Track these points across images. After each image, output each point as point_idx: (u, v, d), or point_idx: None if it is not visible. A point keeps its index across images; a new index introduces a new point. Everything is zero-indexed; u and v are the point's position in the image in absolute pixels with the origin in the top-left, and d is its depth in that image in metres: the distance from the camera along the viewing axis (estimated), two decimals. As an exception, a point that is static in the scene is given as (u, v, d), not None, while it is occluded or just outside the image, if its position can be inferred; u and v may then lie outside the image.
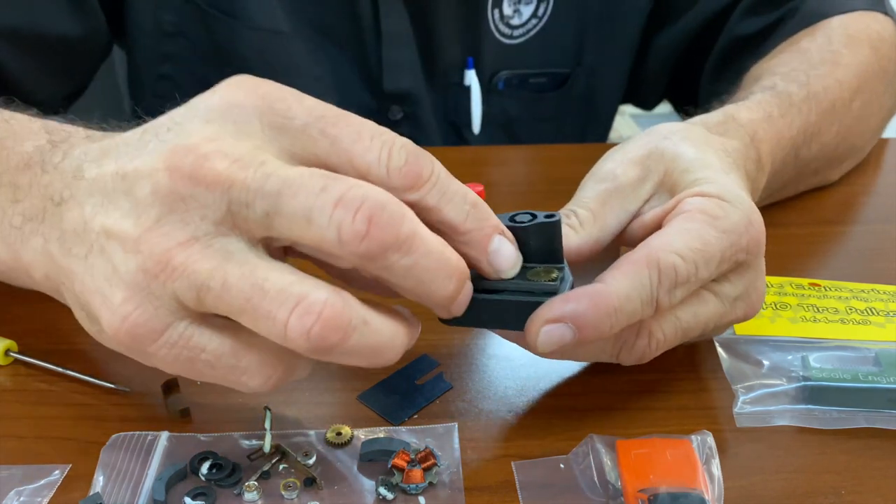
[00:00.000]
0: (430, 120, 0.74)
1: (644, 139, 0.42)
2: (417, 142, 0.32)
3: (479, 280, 0.35)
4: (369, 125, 0.31)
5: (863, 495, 0.35)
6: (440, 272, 0.30)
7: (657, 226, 0.39)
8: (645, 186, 0.40)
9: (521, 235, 0.36)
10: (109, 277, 0.29)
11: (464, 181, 0.39)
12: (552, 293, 0.34)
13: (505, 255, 0.33)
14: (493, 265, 0.33)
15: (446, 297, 0.32)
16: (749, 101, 0.50)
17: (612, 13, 0.72)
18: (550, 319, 0.34)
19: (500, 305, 0.35)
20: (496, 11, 0.70)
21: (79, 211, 0.31)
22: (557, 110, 0.77)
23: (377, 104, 0.72)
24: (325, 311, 0.28)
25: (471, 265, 0.33)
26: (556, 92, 0.76)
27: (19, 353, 0.42)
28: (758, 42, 0.64)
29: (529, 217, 0.36)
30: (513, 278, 0.35)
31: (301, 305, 0.28)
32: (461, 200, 0.32)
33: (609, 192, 0.40)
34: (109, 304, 0.29)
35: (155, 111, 0.32)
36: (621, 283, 0.34)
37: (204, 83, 0.32)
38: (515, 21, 0.72)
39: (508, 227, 0.36)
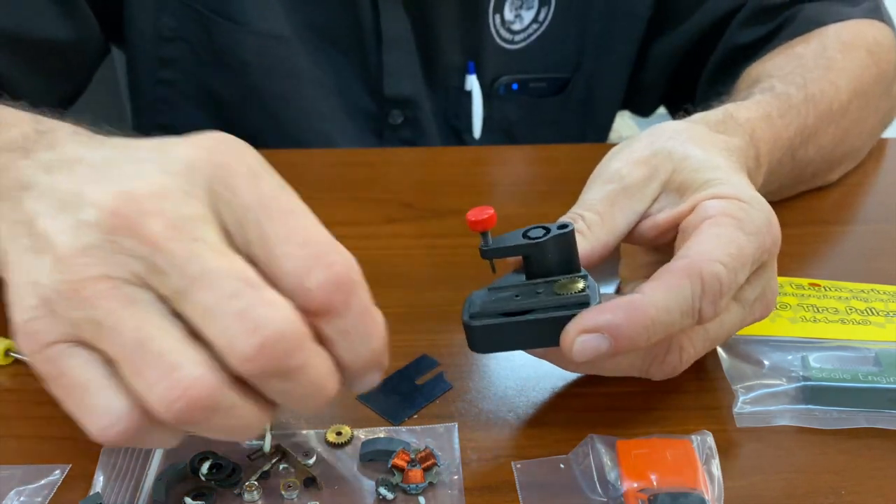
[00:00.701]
0: (430, 124, 0.74)
1: (648, 139, 0.42)
2: (417, 146, 0.31)
3: (508, 303, 0.35)
4: (308, 234, 0.29)
5: (863, 495, 0.35)
6: (311, 399, 0.30)
7: (672, 227, 0.39)
8: (652, 186, 0.40)
9: (538, 251, 0.36)
10: (32, 281, 0.30)
11: (465, 181, 0.40)
12: (584, 303, 0.34)
13: (367, 385, 0.32)
14: (351, 387, 0.32)
15: (304, 413, 0.33)
16: (748, 102, 0.50)
17: (613, 19, 0.73)
18: (586, 329, 0.34)
19: (536, 325, 0.35)
20: (497, 16, 0.71)
21: (34, 204, 0.31)
22: (557, 115, 0.77)
23: (378, 108, 0.72)
24: (193, 389, 0.28)
25: None
26: (556, 97, 0.77)
27: (19, 353, 0.42)
28: (755, 50, 0.64)
29: (543, 231, 0.36)
30: (539, 295, 0.35)
31: (172, 376, 0.28)
32: (360, 343, 0.30)
33: (616, 193, 0.40)
34: (21, 303, 0.30)
35: (155, 115, 0.31)
36: (660, 295, 0.34)
37: (204, 87, 0.32)
38: (516, 26, 0.72)
39: (522, 245, 0.36)
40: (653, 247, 0.42)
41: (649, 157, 0.40)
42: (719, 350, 0.42)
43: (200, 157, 0.30)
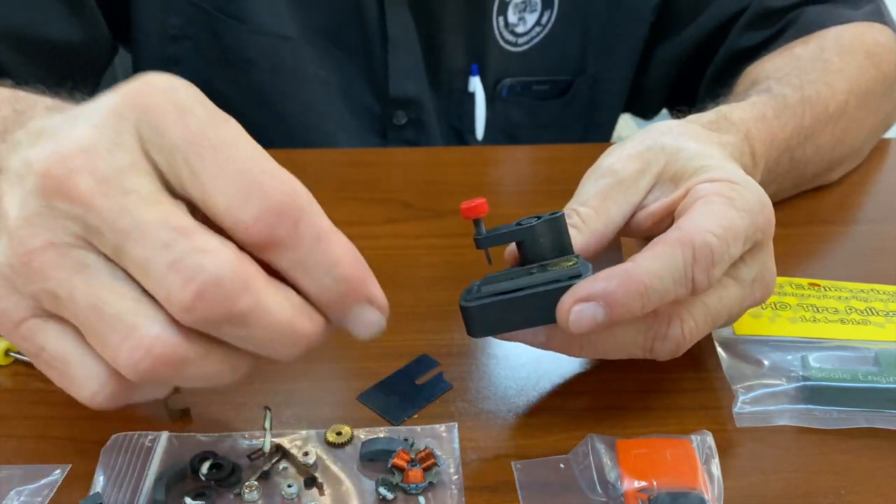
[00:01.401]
0: (433, 125, 0.74)
1: (642, 136, 0.42)
2: (420, 146, 0.31)
3: (503, 284, 0.36)
4: (242, 164, 0.28)
5: (862, 495, 0.35)
6: (282, 342, 0.29)
7: (668, 214, 0.39)
8: (645, 178, 0.40)
9: (530, 236, 0.37)
10: None
11: (466, 181, 0.40)
12: (577, 276, 0.35)
13: (362, 324, 0.31)
14: (350, 330, 0.31)
15: (291, 357, 0.30)
16: (743, 103, 0.51)
17: (616, 23, 0.73)
18: (581, 298, 0.34)
19: (531, 300, 0.35)
20: (501, 19, 0.71)
21: (3, 186, 0.30)
22: (559, 118, 0.78)
23: (382, 109, 0.73)
24: (155, 348, 0.27)
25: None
26: (559, 100, 0.77)
27: (19, 353, 0.42)
28: (757, 53, 0.64)
29: (535, 219, 0.37)
30: (533, 274, 0.36)
31: (132, 337, 0.27)
32: (322, 273, 0.29)
33: (610, 187, 0.40)
34: None
35: None
36: (652, 263, 0.34)
37: (210, 87, 0.32)
38: (520, 29, 0.72)
39: (515, 231, 0.37)
40: (652, 237, 0.42)
41: (643, 151, 0.41)
42: (719, 350, 0.42)
43: (125, 102, 0.29)
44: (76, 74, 0.67)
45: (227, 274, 0.27)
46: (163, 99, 0.29)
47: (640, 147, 0.41)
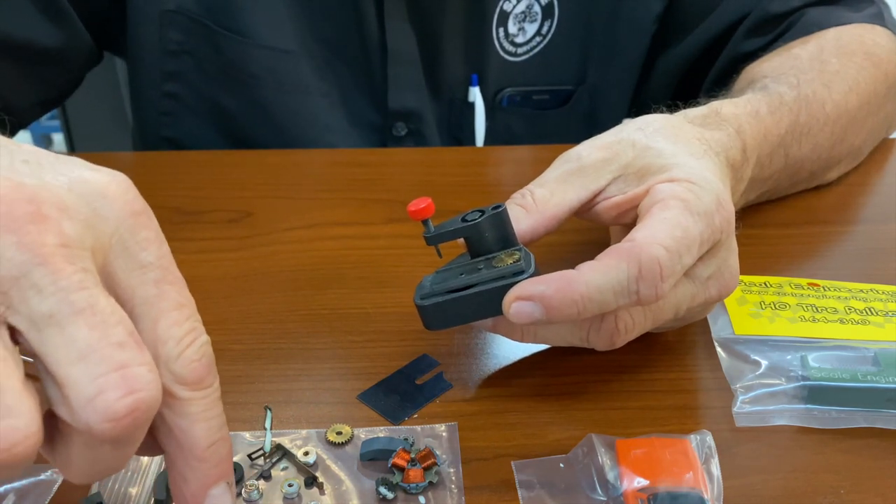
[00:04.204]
0: (433, 135, 0.74)
1: (616, 129, 0.43)
2: None
3: (453, 281, 0.38)
4: (193, 310, 0.28)
5: (862, 495, 0.35)
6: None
7: (631, 207, 0.40)
8: (609, 167, 0.41)
9: (475, 231, 0.39)
10: None
11: (466, 182, 0.40)
12: (520, 272, 0.37)
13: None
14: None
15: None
16: (737, 99, 0.51)
17: (616, 33, 0.73)
18: (521, 297, 0.36)
19: (479, 297, 0.37)
20: (501, 29, 0.71)
21: None
22: (560, 127, 0.78)
23: (382, 120, 0.73)
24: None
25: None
26: (559, 109, 0.77)
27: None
28: (758, 56, 0.64)
29: (479, 214, 0.39)
30: (480, 270, 0.38)
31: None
32: (217, 426, 0.28)
33: (570, 172, 0.42)
34: None
35: (160, 128, 0.30)
36: (593, 275, 0.35)
37: (211, 101, 0.31)
38: (520, 39, 0.72)
39: (461, 228, 0.39)
40: (621, 227, 0.43)
41: (612, 143, 0.42)
42: (718, 350, 0.42)
43: (116, 192, 0.27)
44: (50, 79, 0.66)
45: (156, 399, 0.26)
46: (150, 219, 0.28)
47: (611, 138, 0.42)
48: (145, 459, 0.36)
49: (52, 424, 0.26)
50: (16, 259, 0.24)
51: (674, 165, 0.40)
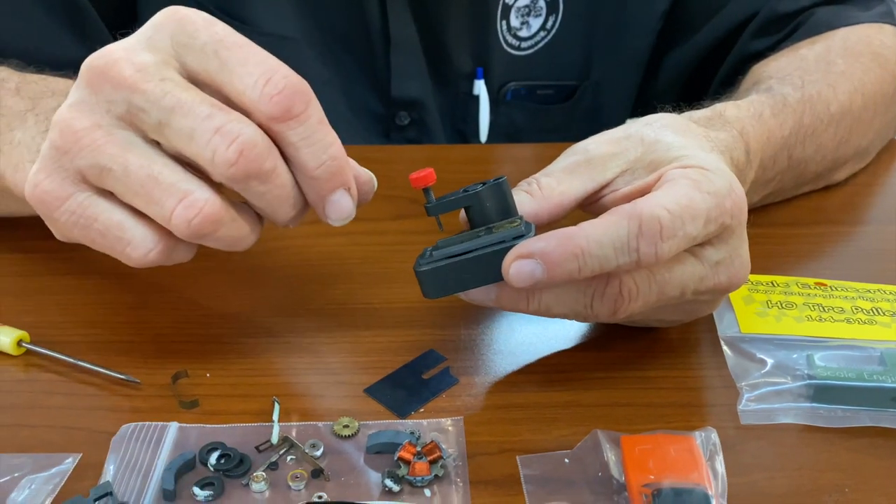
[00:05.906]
0: (437, 126, 0.74)
1: (626, 125, 0.43)
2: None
3: (453, 248, 0.38)
4: (262, 56, 0.35)
5: (866, 493, 0.35)
6: (286, 202, 0.36)
7: (640, 196, 0.39)
8: (617, 161, 0.41)
9: (476, 201, 0.39)
10: (34, 154, 0.35)
11: (472, 179, 0.40)
12: (520, 236, 0.37)
13: (340, 207, 0.37)
14: (326, 212, 0.37)
15: (286, 221, 0.37)
16: (741, 101, 0.51)
17: (622, 29, 0.73)
18: (521, 255, 0.36)
19: (478, 261, 0.37)
20: (504, 23, 0.71)
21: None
22: (564, 122, 0.78)
23: (385, 109, 0.73)
24: (205, 208, 0.34)
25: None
26: (564, 104, 0.77)
27: (32, 343, 0.42)
28: (766, 56, 0.64)
29: (481, 185, 0.39)
30: (480, 237, 0.38)
31: (187, 199, 0.34)
32: (321, 149, 0.35)
33: (578, 163, 0.42)
34: (29, 177, 0.36)
35: None
36: (594, 229, 0.36)
37: None
38: (524, 33, 0.72)
39: (462, 198, 0.39)
40: None
41: (621, 138, 0.42)
42: (724, 347, 0.42)
43: (163, 17, 0.35)
44: None
45: (259, 138, 0.34)
46: (194, 13, 0.35)
47: (620, 134, 0.42)
48: (150, 454, 0.36)
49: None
50: (117, 97, 0.34)
51: (685, 156, 0.39)
